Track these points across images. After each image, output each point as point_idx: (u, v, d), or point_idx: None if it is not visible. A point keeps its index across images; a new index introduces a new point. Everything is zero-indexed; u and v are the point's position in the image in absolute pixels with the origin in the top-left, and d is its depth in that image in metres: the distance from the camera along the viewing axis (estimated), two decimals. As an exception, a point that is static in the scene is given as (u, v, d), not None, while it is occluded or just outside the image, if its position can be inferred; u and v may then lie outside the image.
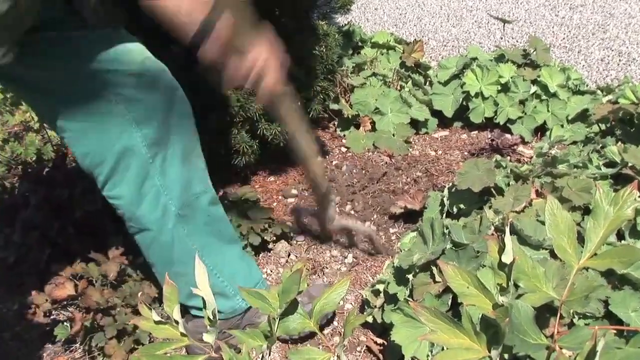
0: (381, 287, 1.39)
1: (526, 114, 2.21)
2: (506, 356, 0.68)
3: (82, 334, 1.41)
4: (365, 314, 1.43)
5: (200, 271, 0.72)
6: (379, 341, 1.41)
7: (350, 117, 2.28)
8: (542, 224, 1.23)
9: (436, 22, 3.39)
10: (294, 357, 0.71)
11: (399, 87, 2.44)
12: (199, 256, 1.28)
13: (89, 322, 1.39)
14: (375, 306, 1.39)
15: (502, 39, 3.09)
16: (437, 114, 2.36)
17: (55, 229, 1.62)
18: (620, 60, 2.74)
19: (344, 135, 2.32)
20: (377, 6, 3.70)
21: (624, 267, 0.65)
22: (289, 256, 1.75)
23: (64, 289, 1.41)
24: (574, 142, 2.04)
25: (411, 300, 1.25)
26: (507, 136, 2.17)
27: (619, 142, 1.60)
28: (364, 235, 1.69)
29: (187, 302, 1.35)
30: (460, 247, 1.24)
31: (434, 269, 1.26)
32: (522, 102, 2.23)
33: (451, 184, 1.61)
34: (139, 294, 1.44)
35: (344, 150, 2.26)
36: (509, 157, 2.04)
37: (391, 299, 1.33)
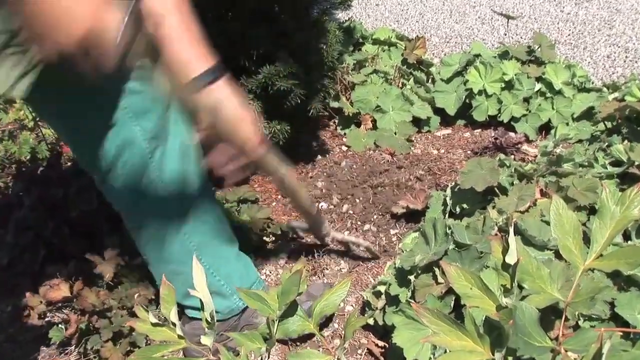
0: (382, 288, 1.39)
1: (530, 112, 2.21)
2: (510, 359, 0.68)
3: (77, 336, 1.41)
4: (366, 316, 1.44)
5: (198, 272, 0.72)
6: (380, 344, 1.41)
7: (351, 115, 2.28)
8: (547, 224, 1.23)
9: (439, 18, 3.39)
10: (294, 360, 0.71)
11: (400, 85, 2.44)
12: (196, 255, 1.29)
13: (85, 324, 1.39)
14: (376, 308, 1.39)
15: (506, 35, 3.09)
16: (439, 112, 2.37)
17: (49, 229, 1.62)
18: (626, 56, 2.74)
19: (345, 133, 2.32)
20: (379, 2, 3.70)
21: (631, 268, 0.65)
22: (288, 257, 1.75)
23: (58, 290, 1.41)
24: (580, 141, 2.05)
25: (413, 302, 1.25)
26: (511, 134, 2.17)
27: (626, 141, 1.61)
28: (361, 247, 1.70)
29: (184, 301, 1.35)
30: (463, 247, 1.24)
31: (436, 270, 1.26)
32: (526, 100, 2.23)
33: (454, 184, 1.61)
34: (136, 296, 1.43)
35: (344, 149, 2.26)
36: (512, 156, 2.04)
37: (393, 300, 1.33)
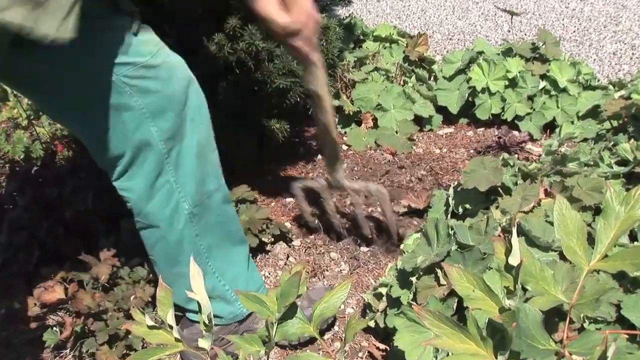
0: (384, 290, 1.40)
1: (535, 110, 2.22)
2: (513, 362, 0.68)
3: (72, 339, 1.41)
4: (367, 318, 1.44)
5: (195, 274, 0.72)
6: (382, 347, 1.41)
7: (351, 113, 2.29)
8: (551, 224, 1.23)
9: (441, 15, 3.40)
10: (293, 363, 0.71)
11: (402, 83, 2.44)
12: (204, 257, 1.29)
13: (80, 327, 1.39)
14: (377, 310, 1.40)
15: (509, 32, 3.09)
16: (441, 110, 2.37)
17: (44, 229, 1.63)
18: (633, 54, 2.74)
19: (345, 132, 2.32)
20: (380, -2, 3.70)
21: (636, 269, 0.65)
22: (287, 258, 1.75)
23: (53, 292, 1.41)
24: (585, 140, 2.05)
25: (415, 304, 1.26)
26: (515, 133, 2.17)
27: (632, 140, 1.61)
28: (376, 195, 1.64)
29: (187, 305, 1.35)
30: (465, 248, 1.24)
31: (438, 271, 1.26)
32: (530, 98, 2.24)
33: (456, 183, 1.61)
34: (132, 298, 1.44)
35: (345, 148, 2.26)
36: (516, 155, 2.04)
37: (394, 302, 1.33)
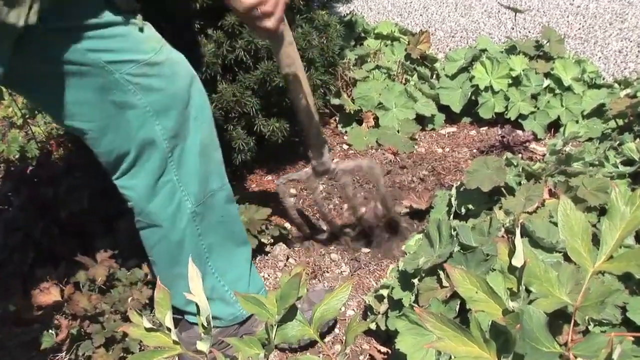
0: (385, 292, 1.40)
1: (539, 109, 2.22)
2: (517, 365, 0.68)
3: (68, 342, 1.41)
4: (368, 320, 1.44)
5: (193, 275, 0.72)
6: (383, 349, 1.41)
7: (352, 112, 2.29)
8: (556, 225, 1.24)
9: (443, 12, 3.40)
10: (293, 366, 0.71)
11: (404, 81, 2.44)
12: (205, 257, 1.29)
13: (76, 329, 1.39)
14: (378, 312, 1.40)
15: (513, 29, 3.09)
16: (444, 109, 2.37)
17: (39, 230, 1.63)
18: (639, 51, 2.74)
19: (346, 131, 2.32)
20: (381, -6, 3.70)
21: (642, 271, 0.65)
22: (287, 260, 1.75)
23: (49, 294, 1.41)
24: (590, 139, 2.05)
25: (417, 306, 1.26)
26: (519, 132, 2.17)
27: (638, 139, 1.61)
28: (368, 171, 1.59)
29: (186, 307, 1.35)
30: (468, 249, 1.24)
31: (440, 273, 1.26)
32: (534, 97, 2.24)
33: (459, 183, 1.62)
34: (129, 300, 1.44)
35: (345, 147, 2.26)
36: (520, 155, 2.04)
37: (396, 304, 1.33)
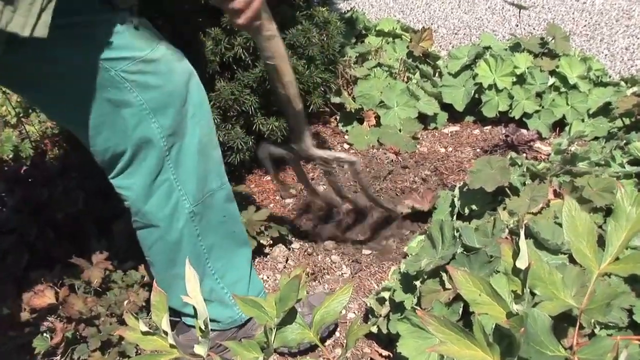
0: (386, 294, 1.40)
1: (544, 107, 2.21)
2: (521, 369, 0.68)
3: (63, 345, 1.41)
4: (369, 323, 1.44)
5: (191, 277, 0.72)
6: (384, 353, 1.41)
7: (353, 111, 2.29)
8: (560, 226, 1.23)
9: (446, 8, 3.40)
10: (292, 370, 0.71)
11: (405, 79, 2.44)
12: (204, 258, 1.29)
13: (71, 332, 1.39)
14: (380, 315, 1.40)
15: (517, 26, 3.09)
16: (447, 107, 2.37)
17: (34, 232, 1.63)
18: (645, 49, 2.74)
19: (347, 130, 2.32)
20: (383, -9, 3.70)
21: (649, 272, 0.65)
22: (287, 261, 1.75)
23: (43, 296, 1.41)
24: (596, 138, 2.05)
25: (419, 308, 1.25)
26: (523, 131, 2.17)
27: (644, 138, 1.60)
28: (347, 165, 1.56)
29: (183, 309, 1.35)
30: (471, 251, 1.24)
31: (443, 275, 1.26)
32: (539, 95, 2.24)
33: (462, 183, 1.62)
34: (125, 302, 1.44)
35: (346, 147, 2.26)
36: (524, 155, 2.04)
37: (397, 307, 1.33)
